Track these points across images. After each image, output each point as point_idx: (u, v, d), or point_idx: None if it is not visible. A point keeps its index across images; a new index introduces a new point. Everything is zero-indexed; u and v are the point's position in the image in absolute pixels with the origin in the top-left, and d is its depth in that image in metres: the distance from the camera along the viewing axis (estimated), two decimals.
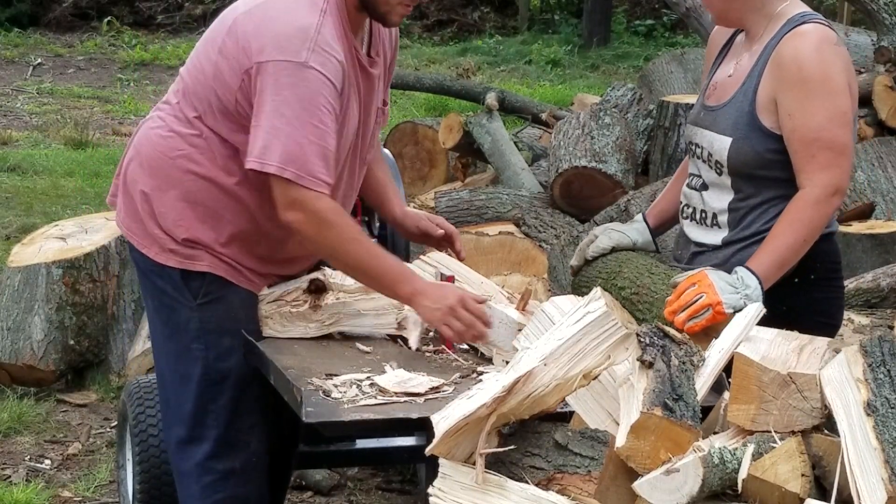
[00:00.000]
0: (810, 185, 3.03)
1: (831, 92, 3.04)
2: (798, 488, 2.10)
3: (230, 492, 3.22)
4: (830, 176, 3.02)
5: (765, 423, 2.26)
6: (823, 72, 3.05)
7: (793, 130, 3.04)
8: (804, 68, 3.04)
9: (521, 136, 7.90)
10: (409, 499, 4.48)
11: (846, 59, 3.12)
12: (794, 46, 3.07)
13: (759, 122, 3.09)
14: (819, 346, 2.48)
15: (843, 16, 12.63)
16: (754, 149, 3.10)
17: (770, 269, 3.01)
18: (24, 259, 5.49)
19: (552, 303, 2.79)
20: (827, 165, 3.02)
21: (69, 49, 15.21)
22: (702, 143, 3.23)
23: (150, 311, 3.29)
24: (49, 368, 5.33)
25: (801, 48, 3.06)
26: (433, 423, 2.29)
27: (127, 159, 3.25)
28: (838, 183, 3.03)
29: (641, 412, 2.22)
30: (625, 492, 2.24)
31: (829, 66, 3.06)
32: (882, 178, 7.05)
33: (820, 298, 3.18)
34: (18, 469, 4.70)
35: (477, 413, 2.27)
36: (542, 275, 5.61)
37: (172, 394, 3.25)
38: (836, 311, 3.26)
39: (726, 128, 3.14)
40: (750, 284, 2.96)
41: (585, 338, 2.38)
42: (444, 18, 17.53)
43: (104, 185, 8.76)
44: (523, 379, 2.31)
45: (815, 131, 3.02)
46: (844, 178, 3.06)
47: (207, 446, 3.20)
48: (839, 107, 3.04)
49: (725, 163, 3.14)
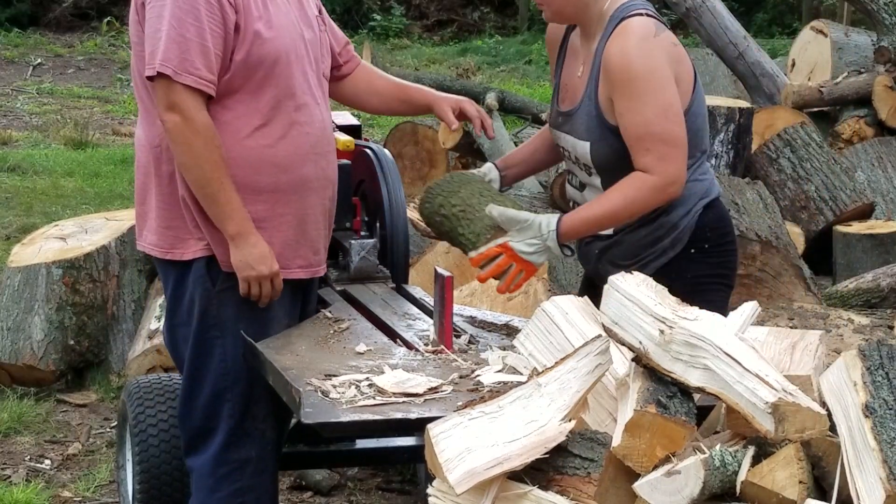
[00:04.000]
0: (652, 171, 3.13)
1: (656, 88, 3.12)
2: (795, 495, 2.10)
3: (246, 482, 3.24)
4: (667, 167, 3.13)
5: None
6: (647, 67, 3.12)
7: (625, 129, 3.14)
8: (629, 68, 3.11)
9: (521, 136, 7.91)
10: (409, 499, 4.48)
11: (669, 47, 3.17)
12: (618, 46, 3.14)
13: (607, 122, 3.19)
14: (811, 342, 2.49)
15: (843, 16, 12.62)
16: (612, 147, 3.19)
17: (578, 226, 3.20)
18: (24, 259, 5.49)
19: (552, 303, 2.80)
20: (663, 157, 3.13)
21: (69, 49, 15.21)
22: (566, 147, 3.33)
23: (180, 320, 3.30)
24: (49, 368, 5.33)
25: (624, 48, 3.13)
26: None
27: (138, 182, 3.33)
28: (676, 174, 3.14)
29: (635, 410, 2.22)
30: (624, 493, 2.24)
31: (651, 60, 3.13)
32: (882, 178, 7.06)
33: (717, 263, 3.29)
34: (18, 469, 4.70)
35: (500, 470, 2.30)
36: (542, 275, 5.61)
37: (188, 389, 3.27)
38: (731, 272, 3.36)
39: (582, 133, 3.24)
40: (544, 233, 3.16)
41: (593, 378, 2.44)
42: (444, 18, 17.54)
43: (104, 185, 8.78)
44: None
45: (645, 127, 3.12)
46: (681, 170, 3.15)
47: (221, 437, 3.23)
48: (666, 100, 3.13)
49: (591, 164, 3.25)
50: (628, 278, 2.47)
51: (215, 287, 3.21)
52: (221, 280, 3.21)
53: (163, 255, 3.24)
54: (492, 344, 3.16)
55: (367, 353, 3.09)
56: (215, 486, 3.25)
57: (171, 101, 3.06)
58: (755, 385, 2.18)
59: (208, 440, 3.25)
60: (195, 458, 3.29)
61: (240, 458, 3.24)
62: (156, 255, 3.26)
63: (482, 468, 2.28)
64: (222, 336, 3.20)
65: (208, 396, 3.24)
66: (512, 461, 2.29)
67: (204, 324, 3.22)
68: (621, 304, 2.40)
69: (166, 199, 3.21)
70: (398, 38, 16.62)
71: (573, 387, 2.41)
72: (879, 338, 4.73)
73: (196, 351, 3.24)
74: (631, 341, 2.37)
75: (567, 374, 2.44)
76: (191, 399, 3.28)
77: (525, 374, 2.68)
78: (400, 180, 3.84)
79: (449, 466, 2.29)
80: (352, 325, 3.31)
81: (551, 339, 2.73)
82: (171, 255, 3.23)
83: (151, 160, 3.23)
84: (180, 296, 3.26)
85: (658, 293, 2.44)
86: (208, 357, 3.23)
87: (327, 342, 3.17)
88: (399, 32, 16.81)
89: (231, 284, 3.20)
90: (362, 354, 3.08)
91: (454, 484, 2.27)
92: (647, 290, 2.43)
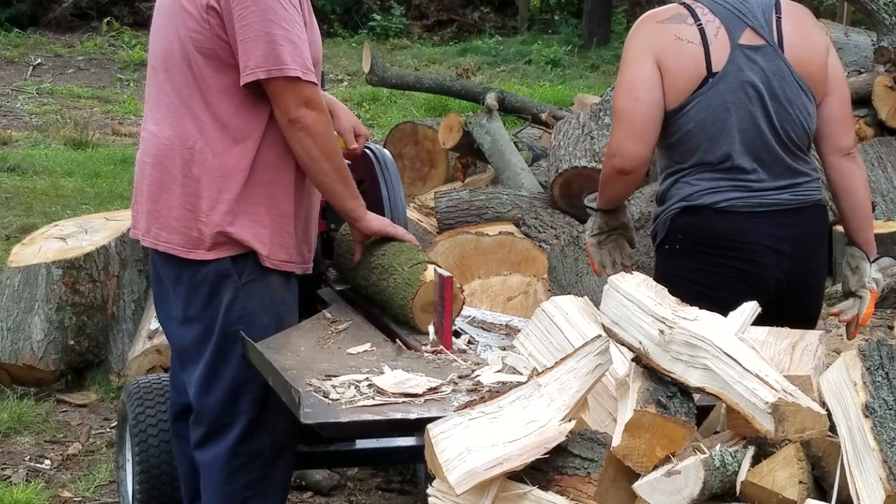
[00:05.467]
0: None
1: (624, 63, 3.33)
2: (795, 495, 2.10)
3: (257, 473, 3.26)
4: (612, 137, 3.36)
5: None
6: (626, 45, 3.37)
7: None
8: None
9: (521, 137, 7.91)
10: (409, 499, 4.48)
11: (666, 36, 3.28)
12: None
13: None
14: (811, 342, 2.49)
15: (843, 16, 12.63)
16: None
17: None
18: (24, 259, 5.50)
19: (552, 303, 2.80)
20: (612, 129, 3.39)
21: (69, 49, 15.22)
22: None
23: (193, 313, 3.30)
24: (49, 368, 5.33)
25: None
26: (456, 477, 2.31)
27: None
28: (616, 146, 3.33)
29: (635, 410, 2.22)
30: (624, 494, 2.24)
31: (631, 39, 3.35)
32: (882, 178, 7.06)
33: (690, 267, 3.35)
34: (18, 469, 4.70)
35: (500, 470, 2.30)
36: (542, 275, 5.61)
37: (205, 382, 3.28)
38: (718, 284, 3.31)
39: None
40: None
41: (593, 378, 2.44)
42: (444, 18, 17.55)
43: (104, 185, 8.78)
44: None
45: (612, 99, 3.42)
46: (623, 144, 3.31)
47: (238, 430, 3.25)
48: (624, 75, 3.31)
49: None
50: (628, 278, 2.47)
51: (241, 280, 3.24)
52: (248, 273, 3.24)
53: (184, 254, 3.25)
54: (492, 344, 3.16)
55: (366, 354, 3.09)
56: (228, 479, 3.26)
57: (305, 99, 3.15)
58: (755, 385, 2.18)
59: (225, 433, 3.26)
60: (207, 451, 3.30)
61: (254, 450, 3.26)
62: (178, 254, 3.27)
63: (482, 468, 2.28)
64: (246, 328, 3.21)
65: (228, 389, 3.26)
66: (512, 461, 2.29)
67: (229, 317, 3.24)
68: (621, 304, 2.40)
69: (191, 200, 3.22)
70: (398, 38, 16.63)
71: (573, 387, 2.41)
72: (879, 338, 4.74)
73: (220, 344, 3.26)
74: (631, 341, 2.37)
75: (567, 375, 2.44)
76: (208, 393, 3.28)
77: (525, 374, 2.68)
78: (400, 180, 3.84)
79: (449, 466, 2.29)
80: (351, 325, 3.31)
81: (551, 339, 2.73)
82: (195, 255, 3.24)
83: (178, 160, 3.23)
84: (199, 290, 3.27)
85: (658, 293, 2.44)
86: (231, 350, 3.24)
87: (327, 342, 3.18)
88: (399, 32, 16.82)
89: (256, 277, 3.24)
90: (362, 355, 3.08)
91: (454, 484, 2.27)
92: (646, 290, 2.43)
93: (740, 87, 3.26)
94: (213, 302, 3.25)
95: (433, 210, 6.52)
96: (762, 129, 3.30)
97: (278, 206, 3.25)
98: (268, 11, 3.09)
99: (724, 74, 3.26)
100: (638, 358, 2.37)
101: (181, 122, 3.23)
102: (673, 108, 3.28)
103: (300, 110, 3.14)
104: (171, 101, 3.25)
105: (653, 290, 2.45)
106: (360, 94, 12.43)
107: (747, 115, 3.28)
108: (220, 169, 3.20)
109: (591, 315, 2.73)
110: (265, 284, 3.26)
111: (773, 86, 3.28)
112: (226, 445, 3.26)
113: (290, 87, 3.13)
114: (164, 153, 3.26)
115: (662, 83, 3.26)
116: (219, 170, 3.20)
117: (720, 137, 3.29)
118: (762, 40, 3.29)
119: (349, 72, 14.14)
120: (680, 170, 3.36)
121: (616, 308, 2.42)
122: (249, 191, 3.21)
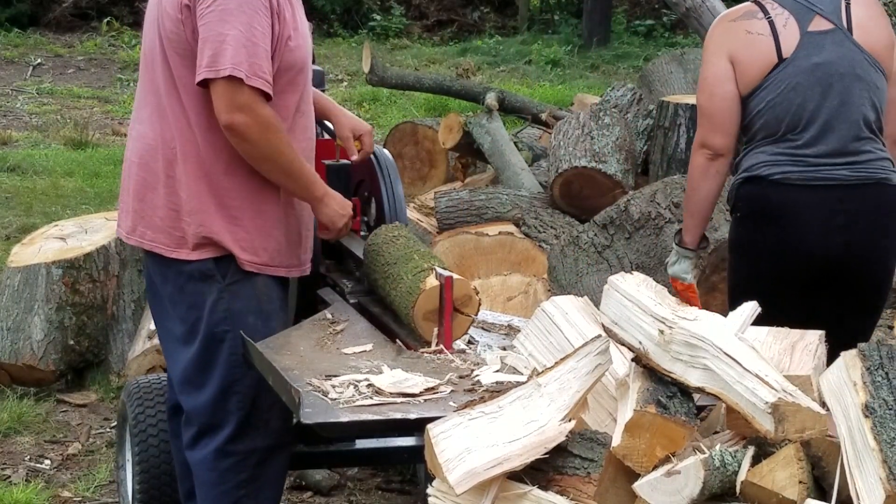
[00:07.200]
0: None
1: (702, 63, 3.63)
2: (795, 495, 2.10)
3: (249, 473, 3.25)
4: (698, 132, 3.64)
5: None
6: (704, 45, 3.66)
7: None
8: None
9: (521, 136, 7.90)
10: (409, 499, 4.48)
11: (738, 32, 3.53)
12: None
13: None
14: (811, 342, 2.49)
15: None
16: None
17: (685, 220, 3.76)
18: (24, 259, 5.49)
19: (552, 303, 2.80)
20: (698, 124, 3.66)
21: (69, 49, 15.20)
22: None
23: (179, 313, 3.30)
24: (49, 368, 5.33)
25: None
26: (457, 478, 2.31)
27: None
28: (701, 139, 3.61)
29: (635, 410, 2.22)
30: (624, 493, 2.24)
31: (708, 39, 3.64)
32: None
33: (748, 234, 3.60)
34: (18, 469, 4.70)
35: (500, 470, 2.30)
36: (542, 275, 5.61)
37: (195, 383, 3.28)
38: (766, 254, 3.55)
39: None
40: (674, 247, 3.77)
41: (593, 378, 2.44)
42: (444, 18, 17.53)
43: (104, 185, 8.77)
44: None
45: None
46: (706, 135, 3.59)
47: (228, 430, 3.24)
48: (702, 74, 3.62)
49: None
50: (628, 278, 2.47)
51: (225, 281, 3.23)
52: (231, 274, 3.23)
53: (169, 253, 3.25)
54: (491, 344, 3.16)
55: (366, 354, 3.09)
56: (220, 479, 3.26)
57: (239, 103, 3.07)
58: (755, 385, 2.18)
59: (215, 433, 3.26)
60: (198, 451, 3.30)
61: (245, 450, 3.26)
62: (162, 253, 3.26)
63: (482, 468, 2.28)
64: (232, 329, 3.21)
65: (217, 390, 3.25)
66: (512, 461, 2.29)
67: (213, 317, 3.24)
68: (621, 304, 2.41)
69: (175, 200, 3.22)
70: (398, 39, 16.62)
71: (573, 387, 2.41)
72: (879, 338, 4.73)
73: (205, 344, 3.25)
74: (631, 341, 2.37)
75: (567, 374, 2.44)
76: (199, 393, 3.28)
77: (525, 374, 2.68)
78: (400, 180, 3.84)
79: (449, 466, 2.29)
80: (351, 325, 3.31)
81: (551, 339, 2.73)
82: (178, 255, 3.24)
83: (161, 159, 3.23)
84: (184, 290, 3.27)
85: (658, 293, 2.44)
86: (218, 350, 3.24)
87: (327, 342, 3.18)
88: (399, 32, 16.80)
89: (240, 278, 3.23)
90: (362, 354, 3.08)
91: (454, 484, 2.27)
92: (646, 290, 2.43)
93: (808, 69, 3.49)
94: (197, 302, 3.25)
95: (433, 210, 6.51)
96: (827, 107, 3.50)
97: (261, 209, 3.23)
98: (225, 12, 3.05)
99: (793, 59, 3.50)
100: (638, 358, 2.37)
101: (163, 122, 3.23)
102: (747, 94, 3.54)
103: (232, 115, 3.07)
104: (154, 100, 3.25)
105: (653, 290, 2.45)
106: (360, 94, 12.41)
107: (813, 95, 3.49)
108: (200, 170, 3.19)
109: (590, 315, 2.74)
110: (250, 285, 3.25)
111: (842, 65, 3.49)
112: (216, 445, 3.25)
113: (228, 89, 3.06)
114: (149, 153, 3.26)
115: (735, 75, 3.52)
116: (198, 171, 3.19)
117: (785, 115, 3.51)
118: (831, 24, 3.51)
119: (349, 72, 14.12)
120: (749, 144, 3.60)
121: (616, 308, 2.42)
122: (229, 193, 3.20)
